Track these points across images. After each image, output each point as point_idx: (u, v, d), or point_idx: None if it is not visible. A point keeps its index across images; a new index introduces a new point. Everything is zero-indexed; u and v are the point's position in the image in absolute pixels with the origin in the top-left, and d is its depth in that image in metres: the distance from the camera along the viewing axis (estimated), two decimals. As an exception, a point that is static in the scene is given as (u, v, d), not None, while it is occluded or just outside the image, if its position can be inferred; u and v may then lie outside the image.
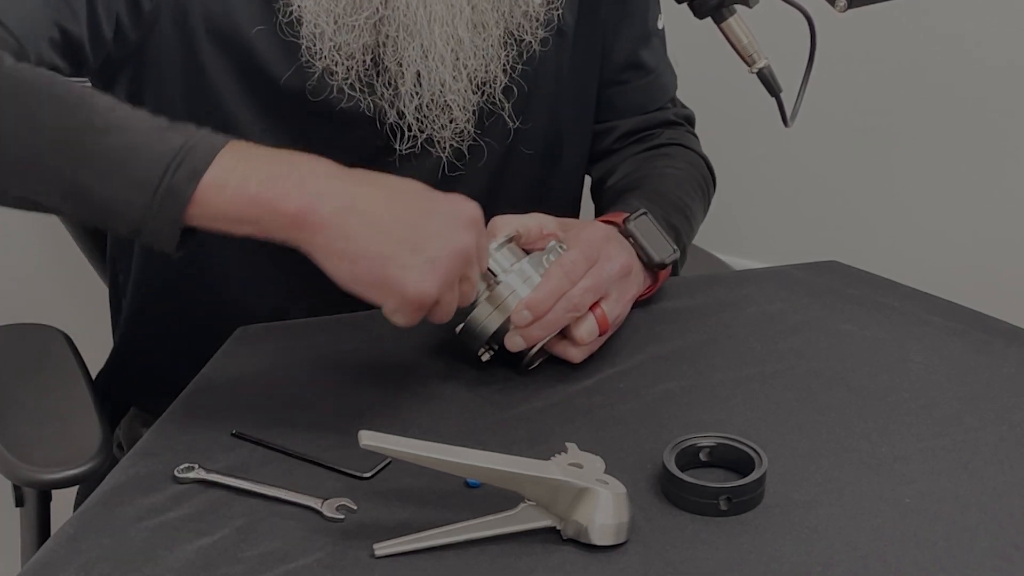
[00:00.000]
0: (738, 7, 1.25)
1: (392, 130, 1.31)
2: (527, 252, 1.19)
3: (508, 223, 1.19)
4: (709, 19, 1.26)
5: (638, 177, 1.44)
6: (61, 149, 1.04)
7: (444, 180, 1.33)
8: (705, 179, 1.49)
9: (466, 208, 1.08)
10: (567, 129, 1.44)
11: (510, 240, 1.18)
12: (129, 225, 1.04)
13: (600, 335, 1.20)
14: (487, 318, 1.17)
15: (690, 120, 1.55)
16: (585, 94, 1.45)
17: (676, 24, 1.48)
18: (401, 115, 1.30)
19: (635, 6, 1.46)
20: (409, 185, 1.09)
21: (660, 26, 1.50)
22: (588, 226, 1.23)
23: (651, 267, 1.28)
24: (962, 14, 1.93)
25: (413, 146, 1.31)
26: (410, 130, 1.31)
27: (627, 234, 1.27)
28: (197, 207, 1.03)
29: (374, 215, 1.05)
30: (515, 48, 1.33)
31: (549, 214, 1.25)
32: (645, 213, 1.28)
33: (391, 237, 1.04)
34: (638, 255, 1.27)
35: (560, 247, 1.19)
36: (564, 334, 1.19)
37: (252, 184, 1.03)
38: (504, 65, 1.32)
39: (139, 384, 1.48)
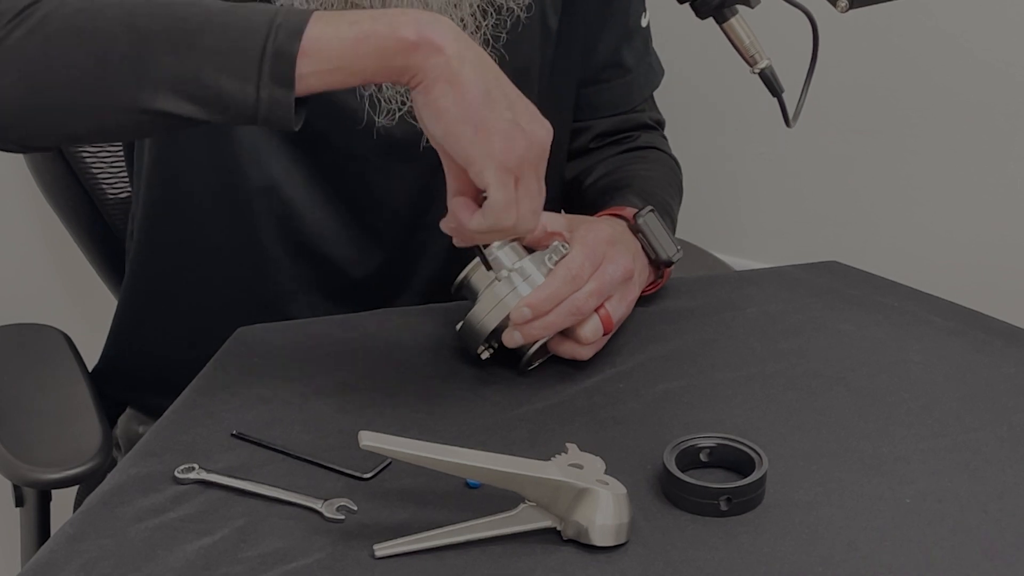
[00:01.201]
0: (740, 7, 1.25)
1: (372, 103, 1.31)
2: (530, 251, 1.19)
3: None
4: (711, 19, 1.26)
5: (625, 176, 1.44)
6: (165, 48, 1.04)
7: (425, 152, 1.31)
8: (680, 185, 1.51)
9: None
10: (549, 116, 1.44)
11: (513, 239, 1.18)
12: (246, 102, 1.04)
13: (604, 334, 1.20)
14: (487, 315, 1.17)
15: (662, 125, 1.56)
16: (565, 93, 1.46)
17: (678, 24, 1.48)
18: (379, 87, 1.30)
19: (618, 5, 1.46)
20: None
21: (644, 24, 1.50)
22: (593, 227, 1.23)
23: (657, 264, 1.28)
24: (964, 14, 1.93)
25: (392, 118, 1.31)
26: (389, 103, 1.31)
27: (637, 230, 1.27)
28: (307, 58, 1.03)
29: (483, 65, 1.07)
30: (495, 16, 1.33)
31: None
32: (653, 210, 1.29)
33: (496, 86, 1.06)
34: (645, 251, 1.27)
35: (563, 247, 1.19)
36: (567, 334, 1.19)
37: (365, 22, 1.05)
38: (485, 34, 1.31)
39: (133, 380, 1.48)
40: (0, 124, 1.06)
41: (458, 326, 1.19)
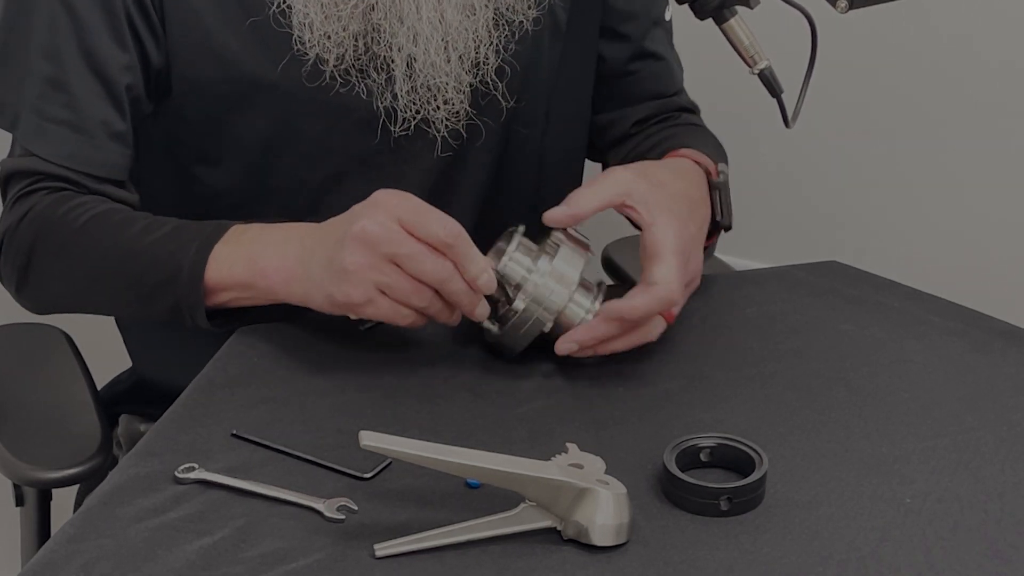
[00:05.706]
0: (739, 8, 1.25)
1: (388, 113, 1.32)
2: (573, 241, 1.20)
3: (592, 198, 1.20)
4: (710, 20, 1.26)
5: (684, 135, 1.45)
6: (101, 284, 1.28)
7: (440, 161, 1.34)
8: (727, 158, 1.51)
9: (347, 235, 1.15)
10: (563, 114, 1.45)
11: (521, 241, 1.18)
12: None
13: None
14: (520, 336, 1.18)
15: (698, 110, 1.56)
16: (579, 87, 1.46)
17: (678, 25, 1.48)
18: (396, 98, 1.31)
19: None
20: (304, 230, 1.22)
21: (667, 17, 1.51)
22: (673, 264, 1.20)
23: (714, 226, 1.30)
24: (963, 15, 1.93)
25: (407, 128, 1.32)
26: (405, 112, 1.31)
27: (715, 187, 1.29)
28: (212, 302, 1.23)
29: (294, 257, 1.19)
30: (506, 29, 1.33)
31: (551, 192, 1.32)
32: (726, 174, 1.31)
33: (310, 268, 1.18)
34: (713, 210, 1.29)
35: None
36: None
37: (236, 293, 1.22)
38: (496, 46, 1.32)
39: (153, 402, 1.48)
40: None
41: (494, 328, 1.19)
